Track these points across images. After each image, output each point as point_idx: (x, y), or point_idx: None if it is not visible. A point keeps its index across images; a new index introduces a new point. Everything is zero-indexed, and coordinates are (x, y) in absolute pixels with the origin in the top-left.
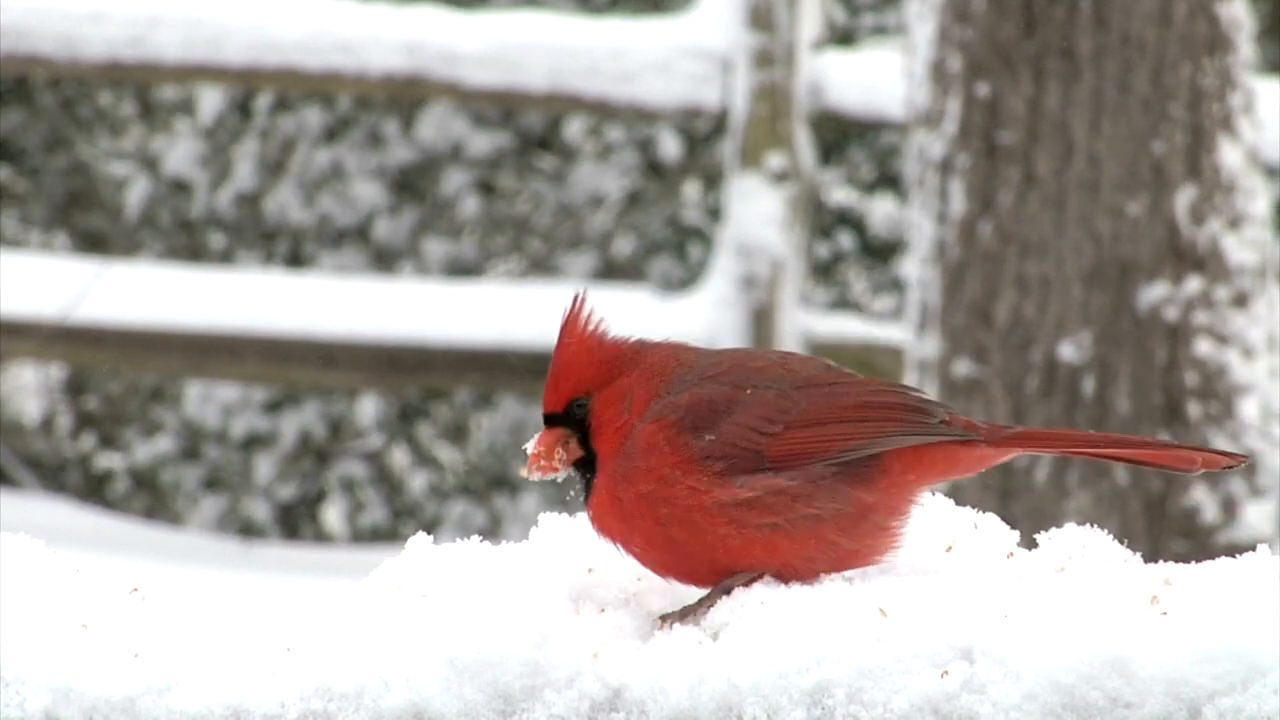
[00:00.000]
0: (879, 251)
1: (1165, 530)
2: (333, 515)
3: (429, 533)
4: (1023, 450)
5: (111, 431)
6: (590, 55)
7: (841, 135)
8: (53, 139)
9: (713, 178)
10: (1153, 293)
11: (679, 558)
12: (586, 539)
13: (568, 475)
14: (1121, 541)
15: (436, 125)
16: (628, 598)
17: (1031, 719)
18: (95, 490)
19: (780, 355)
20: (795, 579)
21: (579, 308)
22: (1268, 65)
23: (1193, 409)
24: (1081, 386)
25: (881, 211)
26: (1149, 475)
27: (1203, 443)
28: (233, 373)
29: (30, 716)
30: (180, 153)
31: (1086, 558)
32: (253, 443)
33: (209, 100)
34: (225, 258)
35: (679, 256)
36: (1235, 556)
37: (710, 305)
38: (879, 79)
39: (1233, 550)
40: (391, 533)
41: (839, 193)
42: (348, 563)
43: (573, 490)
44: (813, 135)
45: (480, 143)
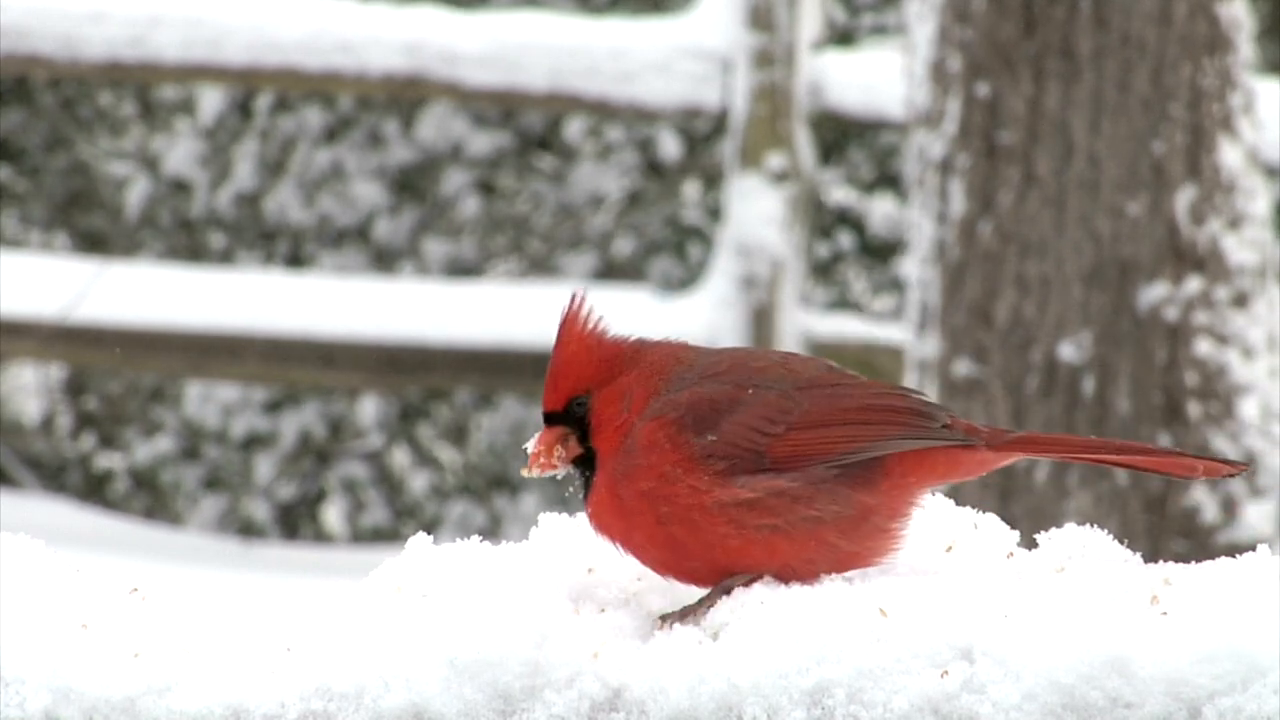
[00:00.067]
0: (878, 251)
1: (1165, 530)
2: (333, 515)
3: (429, 533)
4: (1024, 455)
5: (111, 431)
6: (590, 55)
7: (841, 135)
8: (53, 139)
9: (713, 178)
10: (1153, 293)
11: (679, 556)
12: (586, 539)
13: (567, 473)
14: (1121, 541)
15: (436, 125)
16: (628, 598)
17: (1031, 719)
18: (95, 490)
19: (782, 355)
20: (795, 580)
21: (578, 307)
22: (1268, 65)
23: (1193, 409)
24: (1081, 386)
25: (881, 211)
26: (1149, 476)
27: (1203, 443)
28: (233, 373)
29: (30, 716)
30: (180, 153)
31: (1086, 558)
32: (253, 443)
33: (209, 100)
34: (225, 258)
35: (679, 256)
36: (1235, 556)
37: (710, 305)
38: (879, 79)
39: (1233, 550)
40: (392, 533)
41: (838, 192)
42: (348, 563)
43: (571, 488)
44: (813, 135)
45: (480, 143)
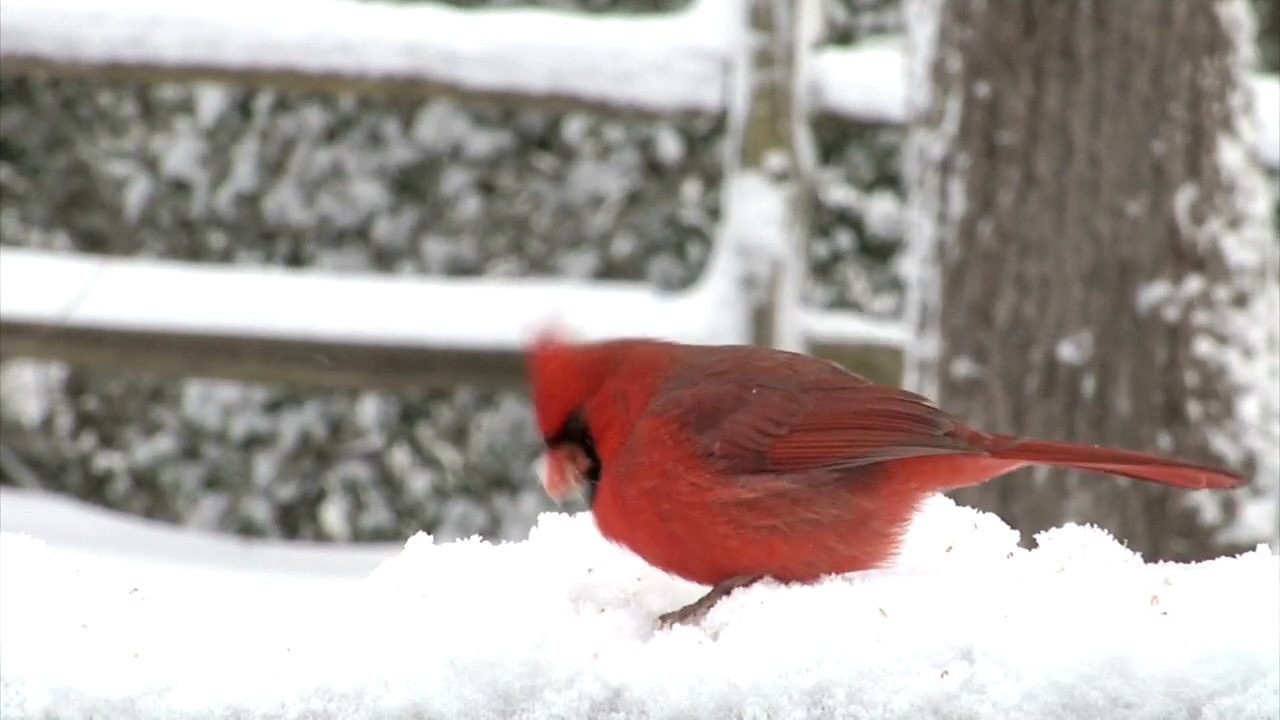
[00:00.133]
0: (877, 251)
1: (1165, 530)
2: (333, 515)
3: (429, 533)
4: (1027, 462)
5: (111, 431)
6: (590, 55)
7: (841, 135)
8: (53, 139)
9: (713, 178)
10: (1153, 293)
11: (681, 554)
12: (586, 539)
13: (585, 487)
14: (1121, 541)
15: (436, 125)
16: (628, 598)
17: (1031, 719)
18: (95, 490)
19: (787, 356)
20: (794, 581)
21: (541, 329)
22: (1268, 65)
23: (1193, 409)
24: (1081, 386)
25: (880, 211)
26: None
27: (1203, 443)
28: (233, 373)
29: (30, 716)
30: (180, 153)
31: (1086, 558)
32: (253, 443)
33: (209, 100)
34: (225, 258)
35: (679, 256)
36: (1235, 556)
37: (710, 305)
38: (879, 79)
39: (1233, 550)
40: (392, 533)
41: (837, 192)
42: (348, 563)
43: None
44: (813, 135)
45: (480, 143)
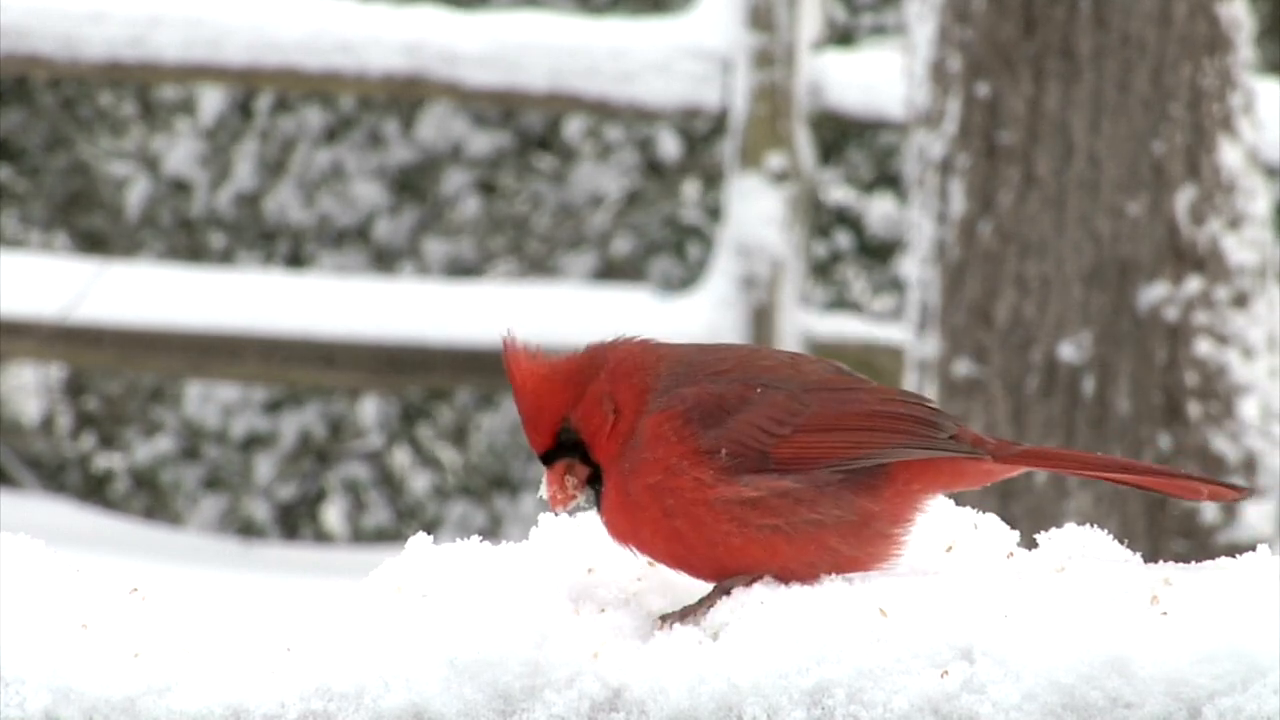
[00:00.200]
0: (876, 251)
1: (1165, 530)
2: (333, 515)
3: (429, 533)
4: (1029, 468)
5: (111, 431)
6: (590, 55)
7: (841, 135)
8: (53, 139)
9: (712, 178)
10: (1153, 293)
11: (685, 549)
12: (586, 539)
13: (588, 497)
14: (1121, 541)
15: (436, 125)
16: (628, 598)
17: (1031, 719)
18: (95, 490)
19: (789, 355)
20: (795, 581)
21: (512, 347)
22: (1268, 65)
23: (1193, 409)
24: (1081, 386)
25: (879, 211)
26: None
27: (1203, 443)
28: (233, 373)
29: (30, 716)
30: (180, 153)
31: (1086, 558)
32: (253, 443)
33: (209, 100)
34: (225, 258)
35: (679, 256)
36: (1235, 556)
37: (710, 305)
38: (879, 79)
39: (1233, 550)
40: (392, 533)
41: (837, 192)
42: (348, 563)
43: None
44: (813, 135)
45: (480, 143)
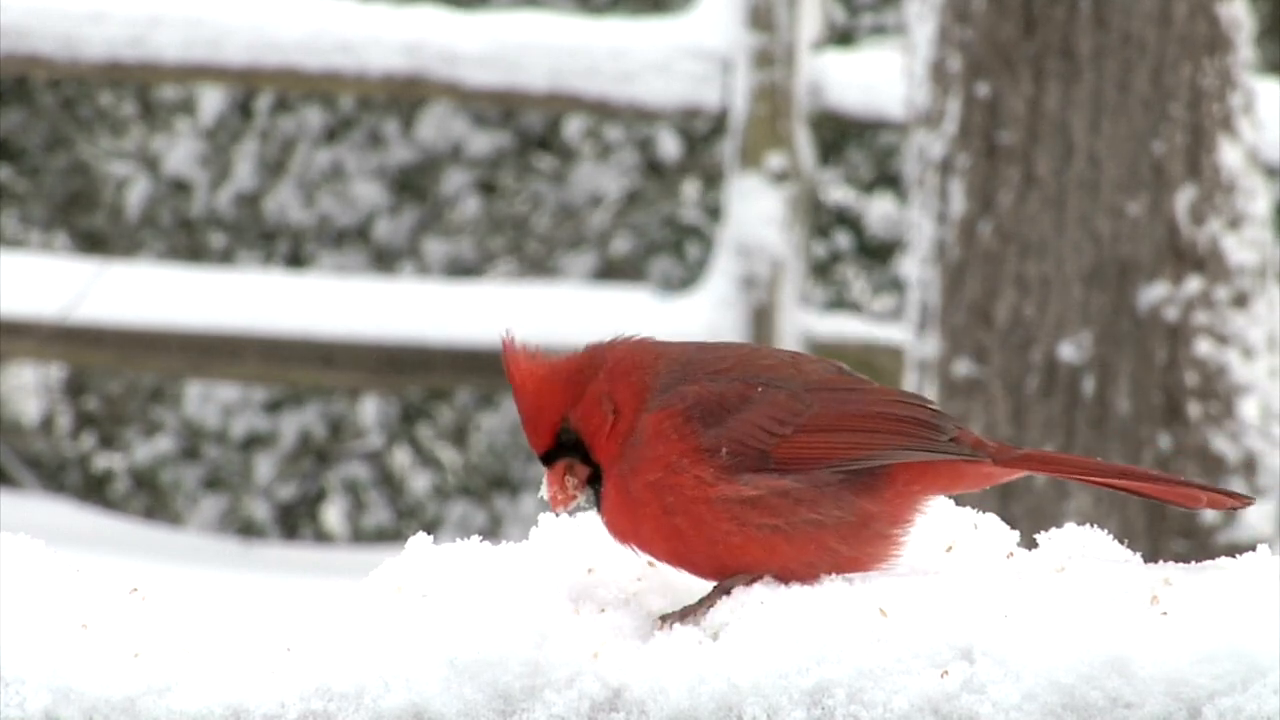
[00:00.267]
0: (876, 251)
1: (1165, 530)
2: (333, 515)
3: (429, 533)
4: (1029, 471)
5: (111, 431)
6: (590, 55)
7: (841, 135)
8: (53, 139)
9: (712, 177)
10: (1153, 293)
11: (685, 547)
12: (586, 539)
13: (588, 497)
14: (1121, 541)
15: (436, 125)
16: (628, 598)
17: (1031, 719)
18: (95, 490)
19: (790, 355)
20: (794, 581)
21: (512, 347)
22: (1268, 65)
23: (1193, 409)
24: (1081, 386)
25: (879, 211)
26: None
27: (1203, 443)
28: (233, 373)
29: (30, 716)
30: (180, 153)
31: (1086, 558)
32: (253, 443)
33: (209, 100)
34: (225, 258)
35: (678, 256)
36: (1235, 556)
37: (710, 305)
38: (879, 79)
39: (1233, 550)
40: (392, 533)
41: (837, 192)
42: (348, 563)
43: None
44: (813, 135)
45: (480, 143)
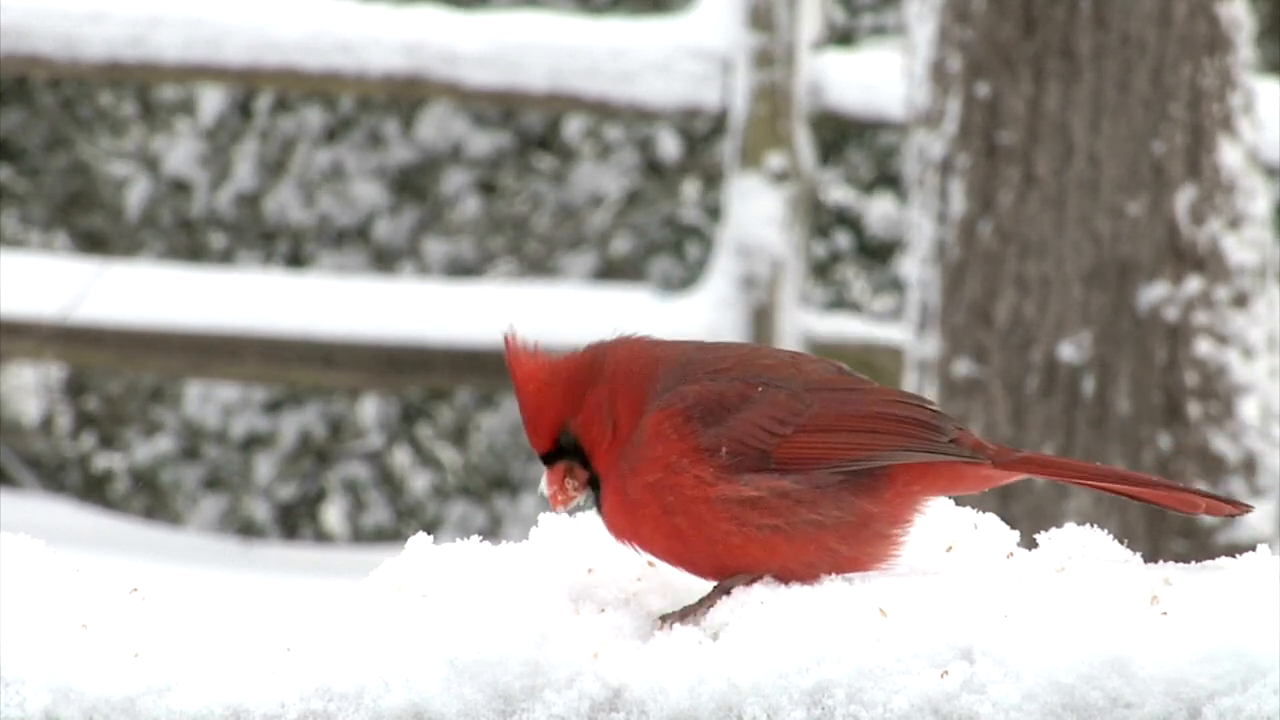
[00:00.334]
0: (876, 251)
1: (1165, 530)
2: (333, 515)
3: (429, 533)
4: (1029, 475)
5: (111, 431)
6: (590, 55)
7: (841, 135)
8: (53, 139)
9: (712, 177)
10: (1153, 293)
11: (685, 547)
12: (586, 539)
13: (588, 497)
14: (1121, 541)
15: (436, 125)
16: (628, 598)
17: (1031, 719)
18: (95, 490)
19: (790, 354)
20: (794, 581)
21: (514, 346)
22: (1268, 65)
23: (1193, 409)
24: (1081, 386)
25: (879, 211)
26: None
27: (1203, 443)
28: (233, 373)
29: (30, 716)
30: (180, 153)
31: (1086, 558)
32: (253, 443)
33: (209, 100)
34: (225, 258)
35: (678, 256)
36: (1235, 556)
37: (710, 305)
38: (879, 79)
39: (1233, 550)
40: (392, 533)
41: (837, 192)
42: (348, 563)
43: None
44: (813, 135)
45: (480, 143)
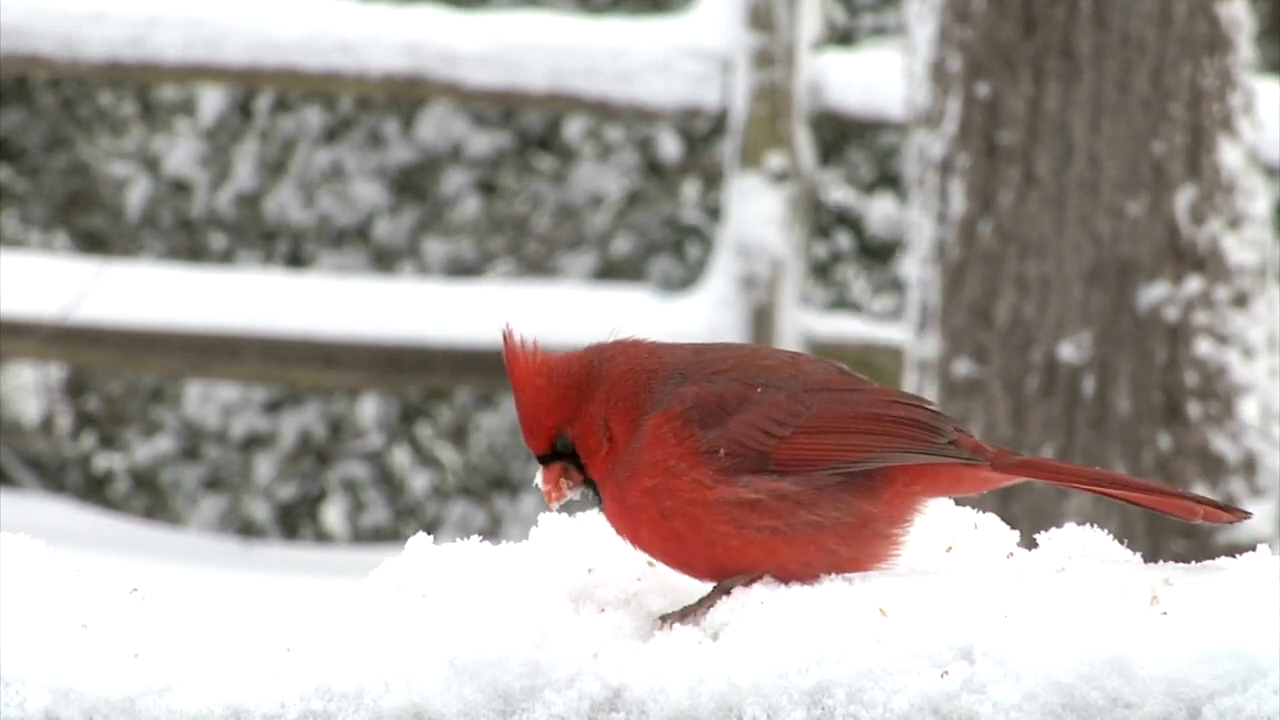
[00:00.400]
0: (876, 251)
1: (1165, 530)
2: (333, 515)
3: (429, 533)
4: (1028, 478)
5: (111, 431)
6: (590, 55)
7: (841, 135)
8: (53, 139)
9: (712, 178)
10: (1153, 293)
11: (684, 550)
12: (586, 539)
13: (583, 494)
14: (1121, 541)
15: (436, 125)
16: (628, 598)
17: (1031, 719)
18: (95, 490)
19: (790, 355)
20: (794, 581)
21: (513, 345)
22: (1268, 65)
23: (1193, 409)
24: (1081, 386)
25: (879, 211)
26: (1149, 475)
27: (1203, 443)
28: (233, 373)
29: (30, 716)
30: (180, 153)
31: (1086, 558)
32: (253, 443)
33: (209, 100)
34: (225, 258)
35: (678, 256)
36: (1235, 556)
37: (710, 305)
38: (879, 79)
39: (1233, 550)
40: (392, 533)
41: (837, 192)
42: (348, 563)
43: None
44: (813, 135)
45: (480, 143)
